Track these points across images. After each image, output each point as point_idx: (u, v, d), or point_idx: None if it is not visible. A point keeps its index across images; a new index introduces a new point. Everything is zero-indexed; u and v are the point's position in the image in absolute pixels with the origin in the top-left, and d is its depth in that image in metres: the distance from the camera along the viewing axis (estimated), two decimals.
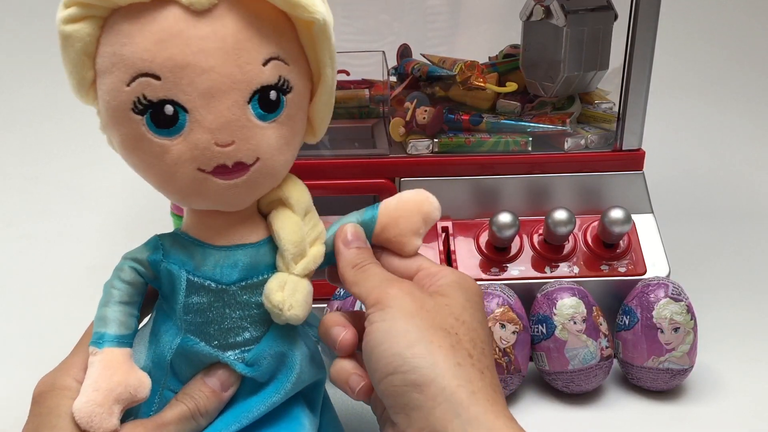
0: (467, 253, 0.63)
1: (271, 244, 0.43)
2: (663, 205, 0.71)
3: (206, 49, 0.37)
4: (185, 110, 0.38)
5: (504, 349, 0.56)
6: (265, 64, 0.39)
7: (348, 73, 0.75)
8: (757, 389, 0.60)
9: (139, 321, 0.44)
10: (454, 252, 0.63)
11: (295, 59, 0.40)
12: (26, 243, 0.86)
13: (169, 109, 0.38)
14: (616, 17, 0.66)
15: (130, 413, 0.43)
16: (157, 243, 0.43)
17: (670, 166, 1.00)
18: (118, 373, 0.41)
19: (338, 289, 0.61)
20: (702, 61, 1.26)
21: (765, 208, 0.94)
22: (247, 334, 0.43)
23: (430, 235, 0.63)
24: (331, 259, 0.45)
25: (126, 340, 0.42)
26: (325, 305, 0.60)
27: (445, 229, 0.64)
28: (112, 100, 0.38)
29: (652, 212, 0.66)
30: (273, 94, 0.39)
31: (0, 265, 0.81)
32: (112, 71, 0.38)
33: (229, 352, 0.43)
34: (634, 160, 0.65)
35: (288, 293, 0.42)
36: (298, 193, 0.44)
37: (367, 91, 0.71)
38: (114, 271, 0.43)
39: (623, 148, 0.65)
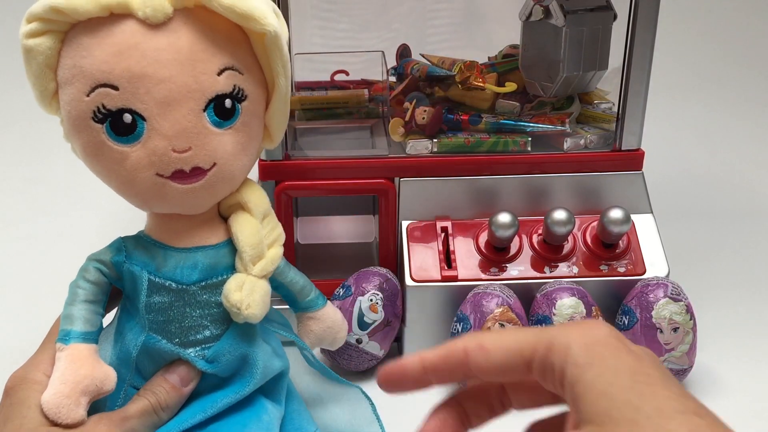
0: (466, 253, 0.63)
1: (231, 246, 0.45)
2: (662, 205, 0.71)
3: (162, 60, 0.39)
4: (143, 118, 0.40)
5: None
6: (219, 73, 0.40)
7: (347, 73, 0.75)
8: (756, 389, 0.60)
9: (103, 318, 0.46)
10: (454, 252, 0.63)
11: (249, 69, 0.42)
12: (26, 243, 0.86)
13: (127, 117, 0.39)
14: (615, 17, 0.66)
15: (96, 410, 0.44)
16: (121, 245, 0.45)
17: (669, 166, 1.00)
18: (84, 367, 0.42)
19: (337, 290, 0.61)
20: (701, 61, 1.25)
21: (765, 208, 0.93)
22: (207, 332, 0.45)
23: (429, 235, 0.63)
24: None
25: (91, 337, 0.44)
26: None
27: (444, 229, 0.64)
28: (72, 109, 0.40)
29: (652, 212, 0.66)
30: (228, 103, 0.41)
31: (0, 265, 0.81)
32: (73, 82, 0.40)
33: (190, 350, 0.45)
34: (633, 160, 0.65)
35: (246, 293, 0.43)
36: (257, 197, 0.45)
37: (366, 91, 0.71)
38: (79, 271, 0.45)
39: (622, 148, 0.65)
